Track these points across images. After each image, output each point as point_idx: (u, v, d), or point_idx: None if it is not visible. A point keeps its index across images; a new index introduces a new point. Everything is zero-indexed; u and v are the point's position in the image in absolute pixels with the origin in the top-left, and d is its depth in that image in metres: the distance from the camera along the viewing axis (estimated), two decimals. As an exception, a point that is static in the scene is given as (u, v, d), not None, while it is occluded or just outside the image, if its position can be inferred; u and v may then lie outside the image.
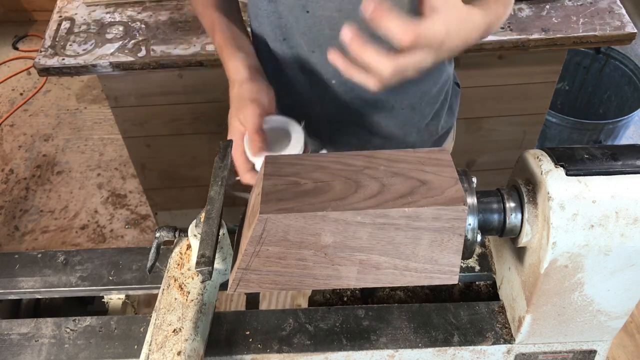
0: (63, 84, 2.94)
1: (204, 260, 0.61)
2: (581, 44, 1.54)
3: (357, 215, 0.57)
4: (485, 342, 0.77)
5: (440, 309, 0.81)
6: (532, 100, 1.80)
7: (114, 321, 0.81)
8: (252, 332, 0.79)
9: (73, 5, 1.63)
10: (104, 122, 2.75)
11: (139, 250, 0.89)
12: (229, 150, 0.71)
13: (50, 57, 1.49)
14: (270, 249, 0.59)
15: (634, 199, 0.62)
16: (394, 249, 0.59)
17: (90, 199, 2.46)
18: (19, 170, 2.58)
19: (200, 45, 1.50)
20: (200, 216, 0.71)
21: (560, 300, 0.70)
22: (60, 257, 0.89)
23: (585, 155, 0.65)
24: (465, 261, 0.85)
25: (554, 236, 0.63)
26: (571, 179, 0.63)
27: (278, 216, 0.57)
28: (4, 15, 3.16)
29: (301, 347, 0.77)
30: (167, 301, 0.72)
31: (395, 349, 0.77)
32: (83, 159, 2.61)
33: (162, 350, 0.67)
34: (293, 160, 0.63)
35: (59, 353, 0.78)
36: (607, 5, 1.58)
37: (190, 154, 1.91)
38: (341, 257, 0.60)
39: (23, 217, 2.40)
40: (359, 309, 0.81)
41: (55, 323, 0.81)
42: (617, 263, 0.66)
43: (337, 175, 0.61)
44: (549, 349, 0.79)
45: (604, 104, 2.49)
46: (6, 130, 2.75)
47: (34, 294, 0.86)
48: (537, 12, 1.57)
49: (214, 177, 0.69)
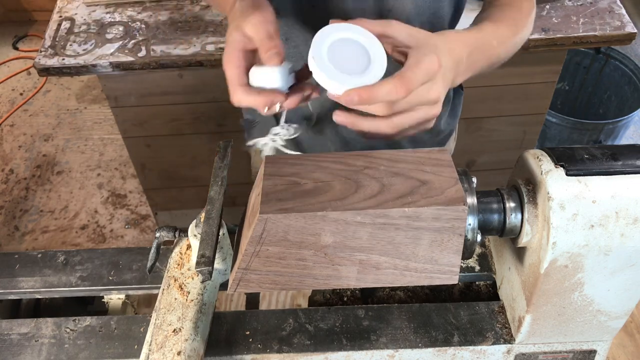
0: (63, 84, 2.94)
1: (204, 260, 0.61)
2: (581, 44, 1.54)
3: (357, 215, 0.57)
4: (485, 342, 0.77)
5: (440, 309, 0.81)
6: (532, 100, 1.80)
7: (114, 321, 0.81)
8: (252, 332, 0.79)
9: (73, 5, 1.63)
10: (104, 122, 2.75)
11: (139, 250, 0.89)
12: (229, 150, 0.71)
13: (50, 57, 1.49)
14: (270, 249, 0.59)
15: (634, 199, 0.62)
16: (394, 249, 0.59)
17: (90, 199, 2.46)
18: (19, 170, 2.58)
19: (200, 45, 1.50)
20: (200, 216, 0.71)
21: (560, 300, 0.70)
22: (60, 257, 0.89)
23: (585, 155, 0.65)
24: (465, 261, 0.85)
25: (554, 236, 0.63)
26: (571, 179, 0.63)
27: (278, 216, 0.57)
28: (4, 15, 3.16)
29: (301, 347, 0.77)
30: (167, 301, 0.72)
31: (395, 349, 0.77)
32: (83, 159, 2.61)
33: (162, 350, 0.67)
34: (293, 160, 0.63)
35: (59, 353, 0.78)
36: (607, 5, 1.58)
37: (190, 154, 1.91)
38: (341, 257, 0.60)
39: (23, 217, 2.40)
40: (359, 309, 0.81)
41: (55, 323, 0.81)
42: (617, 263, 0.66)
43: (337, 175, 0.61)
44: (549, 349, 0.79)
45: (604, 104, 2.49)
46: (6, 130, 2.75)
47: (34, 294, 0.86)
48: (537, 12, 1.56)
49: (214, 177, 0.69)
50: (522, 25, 0.82)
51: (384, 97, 0.61)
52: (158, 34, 1.54)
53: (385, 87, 0.60)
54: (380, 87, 0.61)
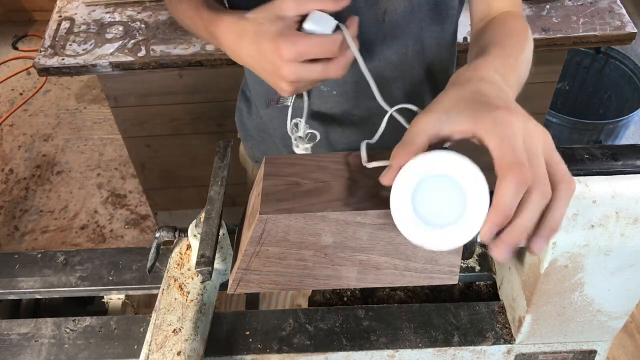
0: (63, 84, 2.94)
1: (204, 260, 0.61)
2: (581, 44, 1.54)
3: (357, 215, 0.57)
4: (485, 342, 0.77)
5: (440, 309, 0.81)
6: (532, 100, 1.80)
7: (113, 321, 0.81)
8: (252, 332, 0.79)
9: (73, 5, 1.63)
10: (104, 122, 2.75)
11: (138, 250, 0.89)
12: (229, 150, 0.71)
13: (50, 57, 1.49)
14: (270, 249, 0.59)
15: (634, 199, 0.62)
16: (394, 249, 0.59)
17: (90, 199, 2.46)
18: (18, 170, 2.58)
19: (200, 45, 1.50)
20: (200, 216, 0.71)
21: (560, 300, 0.70)
22: (60, 257, 0.89)
23: (586, 155, 0.65)
24: (465, 261, 0.85)
25: (554, 236, 0.63)
26: (571, 179, 0.63)
27: (278, 216, 0.57)
28: (4, 15, 3.16)
29: (301, 347, 0.77)
30: (167, 301, 0.72)
31: (395, 349, 0.77)
32: (83, 159, 2.61)
33: (162, 351, 0.67)
34: (293, 160, 0.63)
35: (59, 353, 0.78)
36: (607, 5, 1.58)
37: (190, 154, 1.91)
38: (341, 257, 0.60)
39: (23, 217, 2.40)
40: (359, 309, 0.81)
41: (55, 323, 0.81)
42: (617, 263, 0.66)
43: (337, 175, 0.61)
44: (549, 349, 0.79)
45: (604, 104, 2.49)
46: (6, 130, 2.75)
47: (34, 294, 0.86)
48: (537, 12, 1.57)
49: (214, 177, 0.69)
50: (525, 38, 0.75)
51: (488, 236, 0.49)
52: (158, 33, 1.53)
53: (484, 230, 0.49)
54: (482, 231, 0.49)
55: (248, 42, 0.69)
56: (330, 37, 0.66)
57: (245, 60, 0.72)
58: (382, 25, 0.85)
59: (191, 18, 0.81)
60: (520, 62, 0.70)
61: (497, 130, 0.49)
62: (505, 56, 0.66)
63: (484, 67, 0.61)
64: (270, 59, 0.67)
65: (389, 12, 0.84)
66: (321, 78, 0.68)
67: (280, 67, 0.66)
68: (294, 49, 0.65)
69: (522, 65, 0.70)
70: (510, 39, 0.73)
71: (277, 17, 0.67)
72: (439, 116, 0.53)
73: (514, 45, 0.71)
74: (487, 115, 0.50)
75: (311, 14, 0.67)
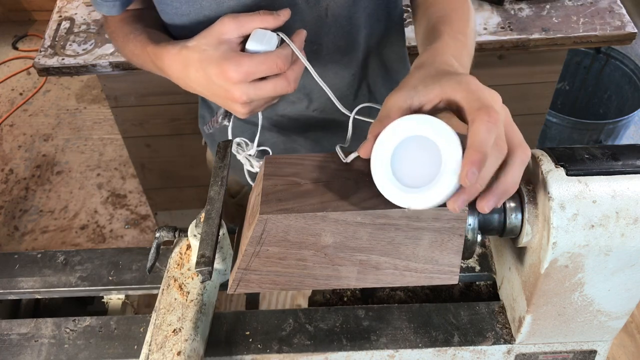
0: (63, 84, 2.94)
1: (203, 260, 0.61)
2: (581, 44, 1.54)
3: (357, 215, 0.57)
4: (485, 342, 0.77)
5: (440, 309, 0.81)
6: (532, 100, 1.80)
7: (113, 321, 0.81)
8: (252, 332, 0.79)
9: (73, 5, 1.63)
10: (104, 122, 2.75)
11: (138, 250, 0.89)
12: (229, 150, 0.71)
13: (50, 57, 1.49)
14: (270, 249, 0.59)
15: (634, 199, 0.62)
16: (394, 249, 0.59)
17: (90, 199, 2.46)
18: (18, 170, 2.58)
19: (200, 45, 1.49)
20: (200, 216, 0.71)
21: (560, 300, 0.70)
22: (60, 257, 0.89)
23: (586, 155, 0.65)
24: (466, 261, 0.85)
25: (554, 236, 0.63)
26: (571, 179, 0.63)
27: (278, 216, 0.57)
28: (4, 15, 3.16)
29: (301, 347, 0.77)
30: (167, 301, 0.72)
31: (396, 349, 0.77)
32: (83, 159, 2.61)
33: (162, 351, 0.67)
34: (293, 160, 0.63)
35: (59, 353, 0.78)
36: (607, 5, 1.58)
37: (190, 154, 1.91)
38: (341, 257, 0.60)
39: (23, 217, 2.40)
40: (359, 309, 0.81)
41: (55, 323, 0.81)
42: (617, 263, 0.66)
43: (337, 175, 0.61)
44: (549, 349, 0.79)
45: (604, 104, 2.49)
46: (6, 130, 2.75)
47: (34, 294, 0.86)
48: (537, 12, 1.57)
49: (214, 177, 0.69)
50: (467, 9, 0.78)
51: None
52: (158, 33, 1.53)
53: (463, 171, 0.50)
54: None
55: (194, 70, 0.69)
56: (275, 52, 0.67)
57: (195, 89, 0.73)
58: (325, 21, 0.84)
59: (139, 56, 0.81)
60: (468, 36, 0.74)
61: (462, 86, 0.54)
62: (455, 34, 0.71)
63: (442, 52, 0.66)
64: (218, 83, 0.68)
65: (331, 7, 0.83)
66: (274, 94, 0.69)
67: (230, 90, 0.67)
68: (241, 70, 0.66)
69: (470, 39, 0.74)
70: (456, 13, 0.76)
71: (219, 41, 0.68)
72: (409, 92, 0.57)
73: (460, 20, 0.75)
74: (452, 79, 0.56)
75: (253, 33, 0.68)
